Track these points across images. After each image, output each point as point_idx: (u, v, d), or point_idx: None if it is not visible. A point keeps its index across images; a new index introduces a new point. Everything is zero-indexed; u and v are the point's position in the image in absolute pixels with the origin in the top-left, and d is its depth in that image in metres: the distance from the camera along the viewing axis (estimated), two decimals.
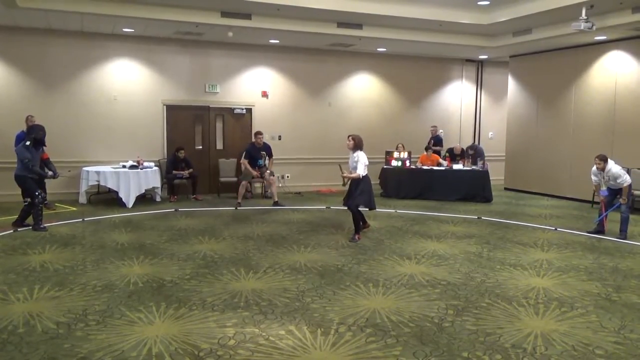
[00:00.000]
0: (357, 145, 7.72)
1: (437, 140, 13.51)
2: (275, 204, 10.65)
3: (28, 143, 7.78)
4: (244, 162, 10.83)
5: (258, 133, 10.99)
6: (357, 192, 7.60)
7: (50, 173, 8.21)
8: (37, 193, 7.81)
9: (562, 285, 5.62)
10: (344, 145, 13.19)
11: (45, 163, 8.36)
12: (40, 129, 7.95)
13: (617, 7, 9.10)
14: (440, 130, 14.21)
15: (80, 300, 4.95)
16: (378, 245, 7.33)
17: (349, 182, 7.80)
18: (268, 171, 10.91)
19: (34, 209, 7.86)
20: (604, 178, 8.09)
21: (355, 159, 7.64)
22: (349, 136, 7.88)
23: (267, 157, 10.98)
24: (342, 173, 7.87)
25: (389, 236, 7.97)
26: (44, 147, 8.20)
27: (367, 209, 7.98)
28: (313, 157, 13.09)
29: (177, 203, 10.80)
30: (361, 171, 7.54)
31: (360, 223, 7.78)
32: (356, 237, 7.63)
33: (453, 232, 8.30)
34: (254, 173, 10.77)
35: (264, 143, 11.03)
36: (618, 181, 7.91)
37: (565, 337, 4.25)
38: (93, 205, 10.32)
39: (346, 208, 7.96)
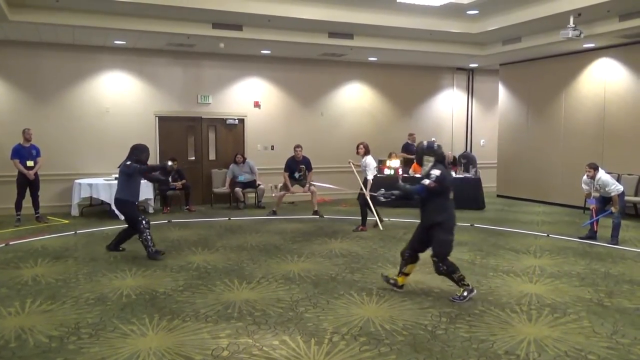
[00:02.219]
0: (367, 150, 9.12)
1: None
2: (315, 212, 10.73)
3: (129, 162, 7.02)
4: (284, 174, 11.03)
5: (297, 146, 11.14)
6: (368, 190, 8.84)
7: (170, 164, 7.39)
8: (140, 218, 7.03)
9: (554, 291, 5.65)
10: (337, 155, 13.27)
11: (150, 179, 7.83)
12: (144, 150, 7.20)
13: (605, 15, 9.21)
14: (433, 139, 14.26)
15: (72, 313, 4.92)
16: (371, 254, 7.33)
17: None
18: (308, 184, 11.00)
19: (141, 236, 7.01)
20: (594, 186, 8.15)
21: (364, 165, 9.04)
22: (359, 144, 9.24)
23: (306, 171, 11.08)
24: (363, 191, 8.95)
25: (382, 244, 7.99)
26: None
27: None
28: None
29: (170, 214, 10.78)
30: (370, 176, 8.88)
31: (366, 218, 9.05)
32: (359, 228, 9.00)
33: None
34: (289, 187, 10.93)
35: (304, 157, 11.12)
36: (606, 189, 7.98)
37: (558, 342, 4.27)
38: (85, 218, 10.28)
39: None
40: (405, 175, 12.34)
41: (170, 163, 7.47)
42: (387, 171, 12.33)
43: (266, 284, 5.88)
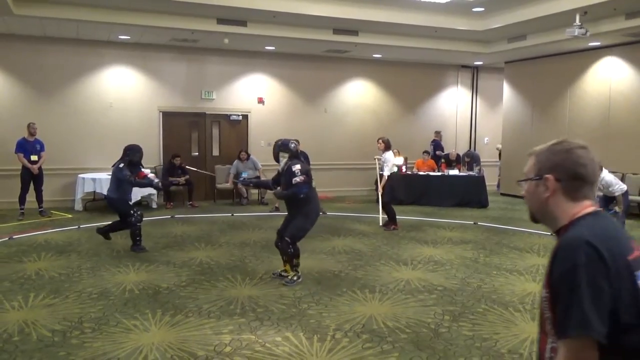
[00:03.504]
0: (387, 146, 9.01)
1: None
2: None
3: (122, 165, 7.11)
4: None
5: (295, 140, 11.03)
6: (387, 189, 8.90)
7: (156, 181, 7.45)
8: (132, 211, 7.16)
9: None
10: (340, 152, 13.24)
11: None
12: (137, 151, 7.28)
13: (611, 14, 9.16)
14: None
15: (75, 307, 4.93)
16: (374, 251, 7.32)
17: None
18: None
19: (131, 228, 7.15)
20: (597, 186, 8.11)
21: (383, 160, 8.97)
22: (378, 139, 9.16)
23: None
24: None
25: (386, 242, 7.97)
26: (141, 167, 7.48)
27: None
28: (310, 164, 13.08)
29: (173, 210, 10.79)
30: (386, 172, 8.86)
31: (394, 215, 8.96)
32: (392, 227, 8.82)
33: (449, 238, 8.31)
34: None
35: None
36: (610, 189, 7.95)
37: None
38: (89, 213, 10.29)
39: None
40: (409, 173, 12.34)
41: (157, 181, 7.53)
42: None
43: (269, 281, 5.87)
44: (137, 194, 10.30)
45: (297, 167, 5.60)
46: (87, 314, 4.76)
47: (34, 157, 9.54)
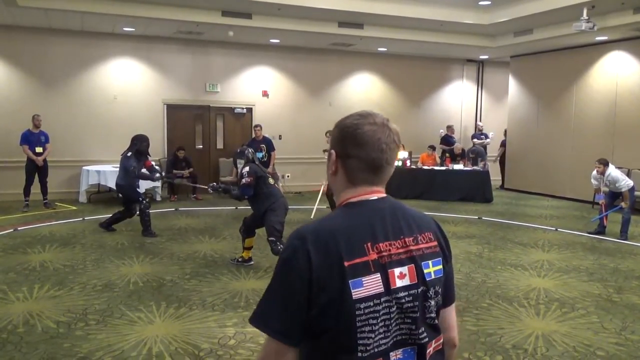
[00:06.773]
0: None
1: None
2: None
3: (130, 154, 7.52)
4: None
5: (256, 126, 11.01)
6: None
7: (157, 175, 8.03)
8: (140, 199, 7.61)
9: (562, 286, 5.61)
10: None
11: (149, 169, 7.95)
12: (144, 140, 7.66)
13: (619, 8, 9.09)
14: (441, 130, 14.21)
15: (80, 299, 4.94)
16: None
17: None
18: (270, 166, 10.82)
19: (141, 215, 7.57)
20: (604, 182, 8.08)
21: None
22: (326, 132, 9.14)
23: (268, 151, 10.86)
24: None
25: None
26: (148, 156, 7.91)
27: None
28: (313, 157, 13.04)
29: (177, 203, 10.80)
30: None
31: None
32: None
33: (454, 232, 8.28)
34: None
35: (264, 137, 10.99)
36: (617, 185, 7.91)
37: (566, 338, 4.24)
38: (93, 205, 10.31)
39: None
40: (413, 167, 12.30)
41: (158, 175, 8.14)
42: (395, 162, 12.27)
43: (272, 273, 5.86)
44: (142, 186, 10.31)
45: (245, 170, 5.95)
46: (92, 305, 4.77)
47: (38, 149, 9.54)
